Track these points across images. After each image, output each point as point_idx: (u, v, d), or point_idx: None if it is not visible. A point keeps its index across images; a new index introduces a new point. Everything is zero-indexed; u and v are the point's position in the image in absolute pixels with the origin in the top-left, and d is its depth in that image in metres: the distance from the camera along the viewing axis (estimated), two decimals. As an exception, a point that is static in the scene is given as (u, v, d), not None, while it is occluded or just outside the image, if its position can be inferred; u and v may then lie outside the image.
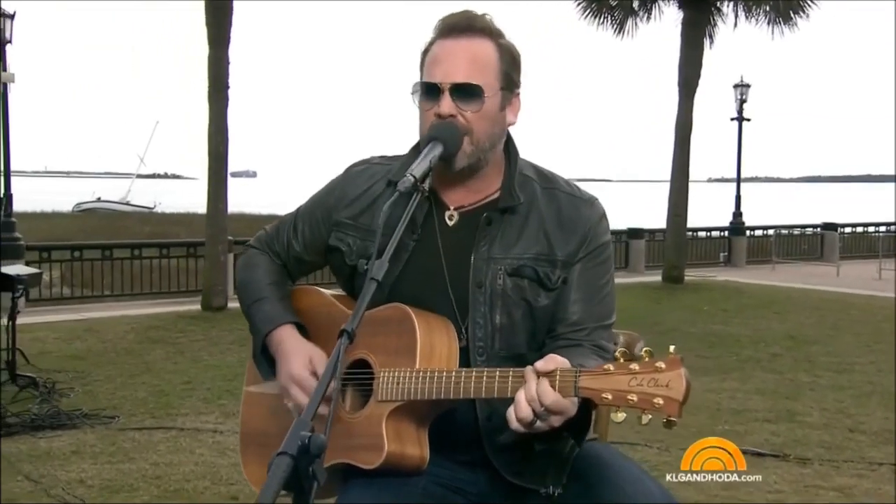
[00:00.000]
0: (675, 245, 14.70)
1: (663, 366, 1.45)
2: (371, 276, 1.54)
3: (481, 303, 1.78)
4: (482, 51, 1.79)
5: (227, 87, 10.41)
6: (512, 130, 1.87)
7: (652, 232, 16.94)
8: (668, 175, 14.79)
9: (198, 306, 10.47)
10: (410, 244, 1.81)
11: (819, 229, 20.41)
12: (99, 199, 47.69)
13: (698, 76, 14.36)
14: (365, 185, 1.90)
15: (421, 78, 1.82)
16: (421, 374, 1.67)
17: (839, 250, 18.71)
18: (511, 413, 1.55)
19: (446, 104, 1.76)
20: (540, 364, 1.54)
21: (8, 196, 11.93)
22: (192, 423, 5.57)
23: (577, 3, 15.21)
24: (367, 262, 1.73)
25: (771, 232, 19.64)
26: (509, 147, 1.87)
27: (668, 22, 15.26)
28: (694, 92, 14.33)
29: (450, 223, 1.84)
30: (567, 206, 1.85)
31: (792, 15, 14.99)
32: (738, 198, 19.71)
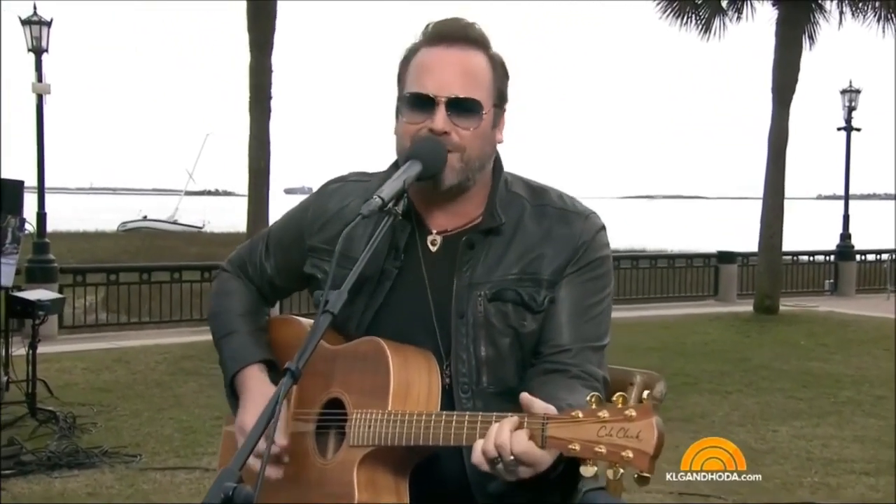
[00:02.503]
0: (769, 271, 14.34)
1: (634, 414, 1.41)
2: (325, 309, 1.53)
3: (464, 335, 1.76)
4: (477, 64, 1.78)
5: (270, 98, 10.56)
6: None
7: (746, 256, 16.55)
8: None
9: (237, 335, 10.59)
10: (393, 271, 1.80)
11: (944, 253, 19.68)
12: (145, 218, 48.65)
13: (795, 81, 14.05)
14: (338, 205, 1.89)
15: (403, 89, 1.80)
16: (393, 416, 1.65)
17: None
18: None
19: (441, 119, 1.73)
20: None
21: (42, 215, 12.22)
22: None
23: (658, 1, 15.01)
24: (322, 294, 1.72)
25: (885, 256, 19.01)
26: (495, 167, 1.85)
27: (760, 21, 15.06)
28: (790, 99, 14.03)
29: (433, 249, 1.82)
30: (558, 222, 1.82)
31: (905, 10, 14.60)
32: (846, 217, 19.12)
